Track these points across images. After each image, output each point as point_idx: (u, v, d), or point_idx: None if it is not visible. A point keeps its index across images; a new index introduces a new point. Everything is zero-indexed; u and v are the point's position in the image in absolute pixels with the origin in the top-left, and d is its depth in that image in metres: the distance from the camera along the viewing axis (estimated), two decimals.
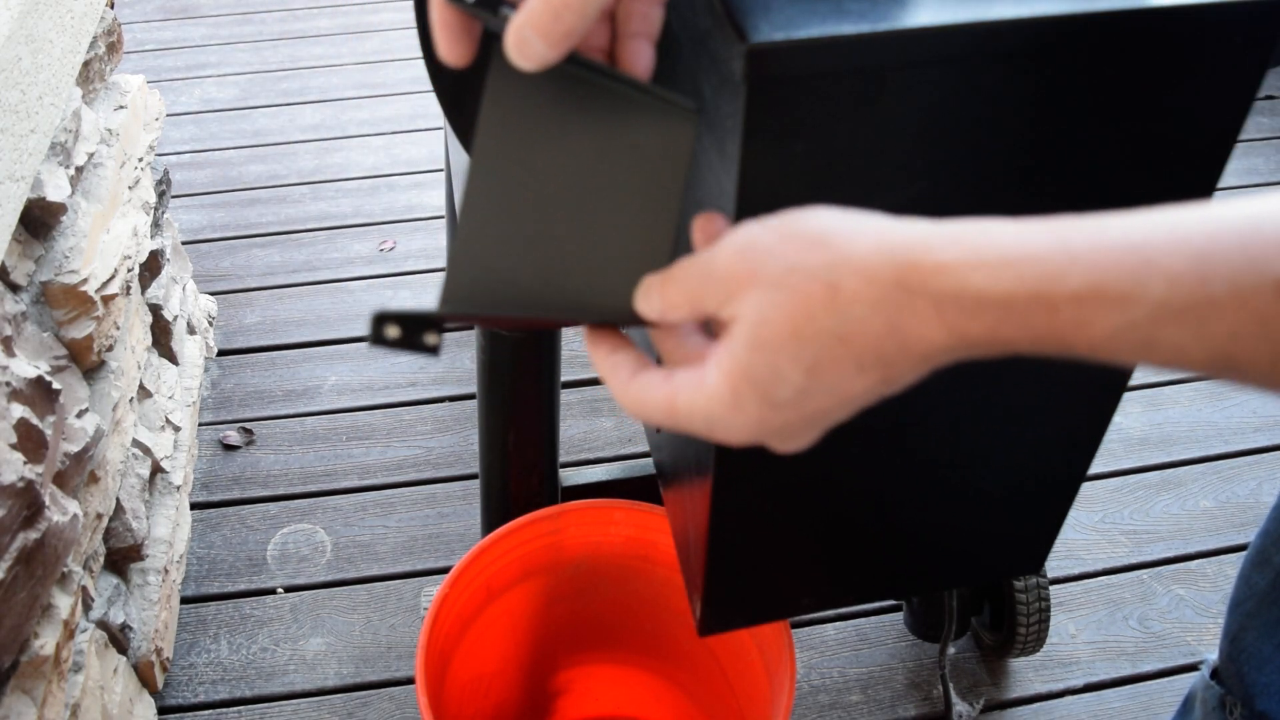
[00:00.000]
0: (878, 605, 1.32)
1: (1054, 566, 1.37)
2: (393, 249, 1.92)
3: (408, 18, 2.63)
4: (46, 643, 0.91)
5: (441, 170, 2.10)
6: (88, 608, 1.06)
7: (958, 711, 1.19)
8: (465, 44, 0.38)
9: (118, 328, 1.16)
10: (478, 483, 1.26)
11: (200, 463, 1.52)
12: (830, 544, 0.74)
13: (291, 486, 1.49)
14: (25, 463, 0.84)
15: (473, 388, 1.64)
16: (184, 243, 1.84)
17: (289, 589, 1.37)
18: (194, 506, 1.46)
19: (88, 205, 1.13)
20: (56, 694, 0.93)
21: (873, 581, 0.81)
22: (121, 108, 1.31)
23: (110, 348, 1.14)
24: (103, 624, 1.08)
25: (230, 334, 1.74)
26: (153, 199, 1.41)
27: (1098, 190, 0.54)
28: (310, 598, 1.36)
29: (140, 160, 1.36)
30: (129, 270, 1.22)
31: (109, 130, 1.25)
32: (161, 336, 1.44)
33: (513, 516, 0.97)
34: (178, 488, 1.36)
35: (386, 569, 1.39)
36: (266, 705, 1.24)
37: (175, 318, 1.48)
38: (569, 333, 1.69)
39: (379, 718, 1.23)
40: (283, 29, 2.61)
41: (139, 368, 1.29)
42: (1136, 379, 1.62)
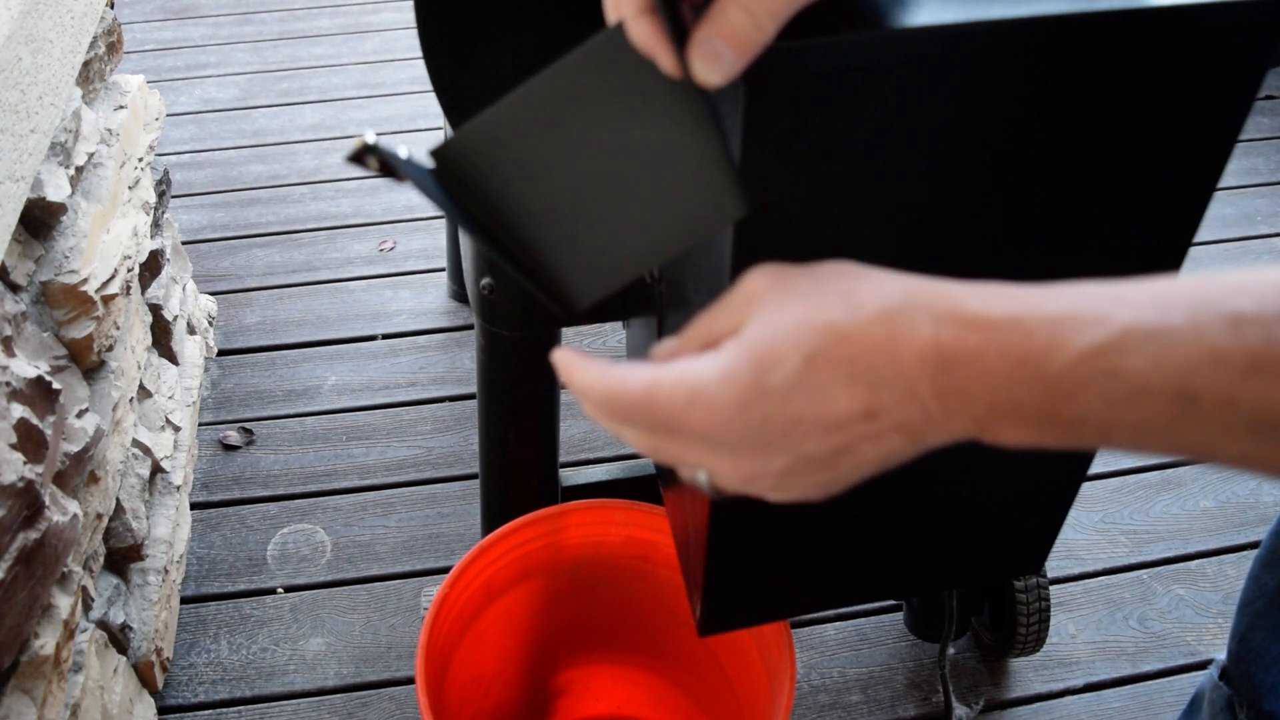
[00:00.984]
0: (878, 605, 1.32)
1: (1054, 566, 1.37)
2: (393, 249, 1.92)
3: (408, 18, 2.63)
4: (46, 643, 0.91)
5: None
6: (88, 608, 1.06)
7: (958, 715, 1.19)
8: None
9: (118, 328, 1.16)
10: (478, 483, 1.26)
11: (200, 463, 1.52)
12: (830, 544, 0.74)
13: (291, 486, 1.49)
14: (25, 463, 0.84)
15: (473, 388, 1.64)
16: (184, 243, 1.84)
17: (289, 589, 1.37)
18: (194, 506, 1.46)
19: (88, 205, 1.13)
20: (56, 694, 0.93)
21: (873, 581, 0.81)
22: (121, 108, 1.31)
23: (110, 348, 1.14)
24: (103, 624, 1.08)
25: (230, 334, 1.74)
26: (153, 199, 1.41)
27: (1098, 190, 0.54)
28: (310, 598, 1.36)
29: (140, 160, 1.36)
30: (129, 270, 1.22)
31: (109, 130, 1.25)
32: (161, 336, 1.44)
33: (513, 516, 0.97)
34: (178, 488, 1.36)
35: (386, 569, 1.39)
36: (266, 705, 1.24)
37: (175, 318, 1.48)
38: (569, 333, 1.69)
39: (379, 718, 1.23)
40: (283, 29, 2.61)
41: (139, 368, 1.29)
42: None
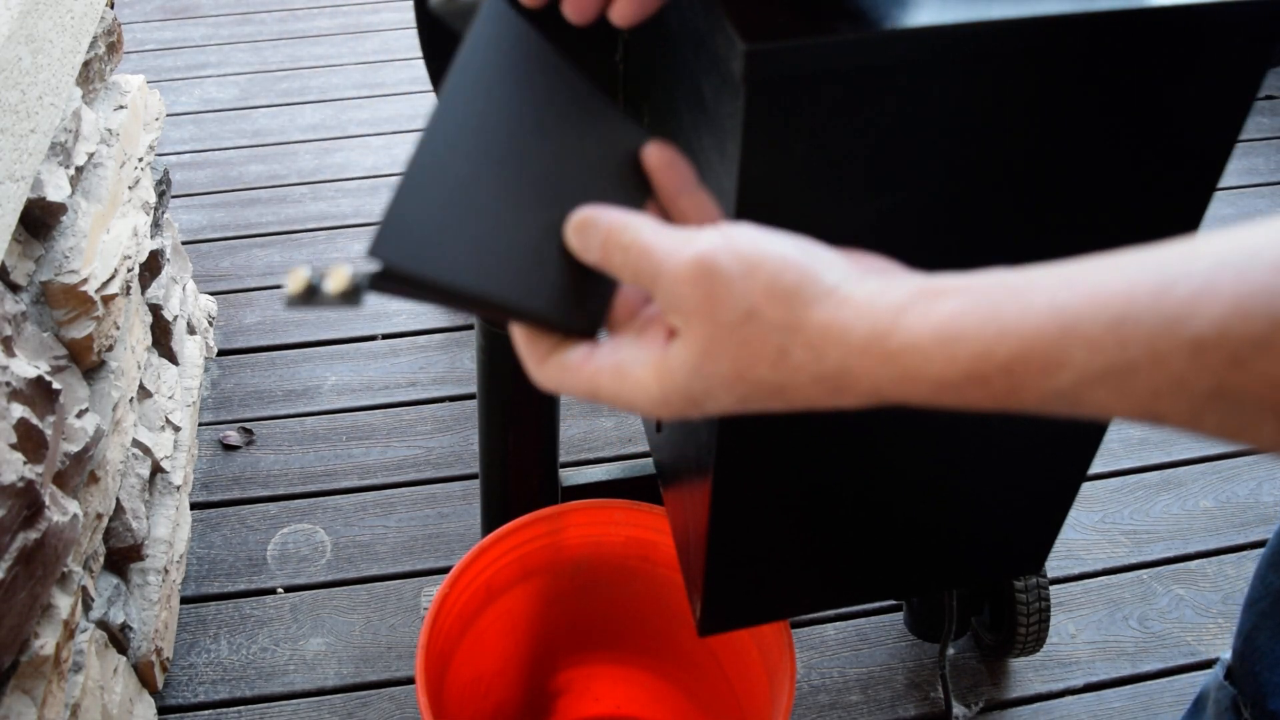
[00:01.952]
0: (878, 605, 1.32)
1: (1054, 566, 1.37)
2: None
3: (408, 18, 2.63)
4: (46, 643, 0.91)
5: None
6: (88, 608, 1.06)
7: (956, 715, 1.19)
8: None
9: (118, 328, 1.16)
10: (478, 483, 1.26)
11: (200, 463, 1.52)
12: (830, 544, 0.74)
13: (291, 486, 1.49)
14: (25, 463, 0.84)
15: (473, 388, 1.64)
16: (184, 243, 1.84)
17: (289, 589, 1.37)
18: (194, 506, 1.46)
19: (88, 205, 1.13)
20: (56, 694, 0.93)
21: (873, 581, 0.81)
22: (121, 108, 1.31)
23: (110, 348, 1.14)
24: (103, 624, 1.08)
25: (230, 334, 1.74)
26: (153, 199, 1.41)
27: (1098, 190, 0.54)
28: (310, 598, 1.36)
29: (140, 160, 1.36)
30: (129, 270, 1.22)
31: (109, 130, 1.25)
32: (161, 336, 1.44)
33: (513, 516, 0.97)
34: (178, 488, 1.36)
35: (386, 569, 1.39)
36: (266, 705, 1.24)
37: (175, 318, 1.48)
38: None
39: (379, 718, 1.23)
40: (283, 29, 2.61)
41: (139, 368, 1.29)
42: None
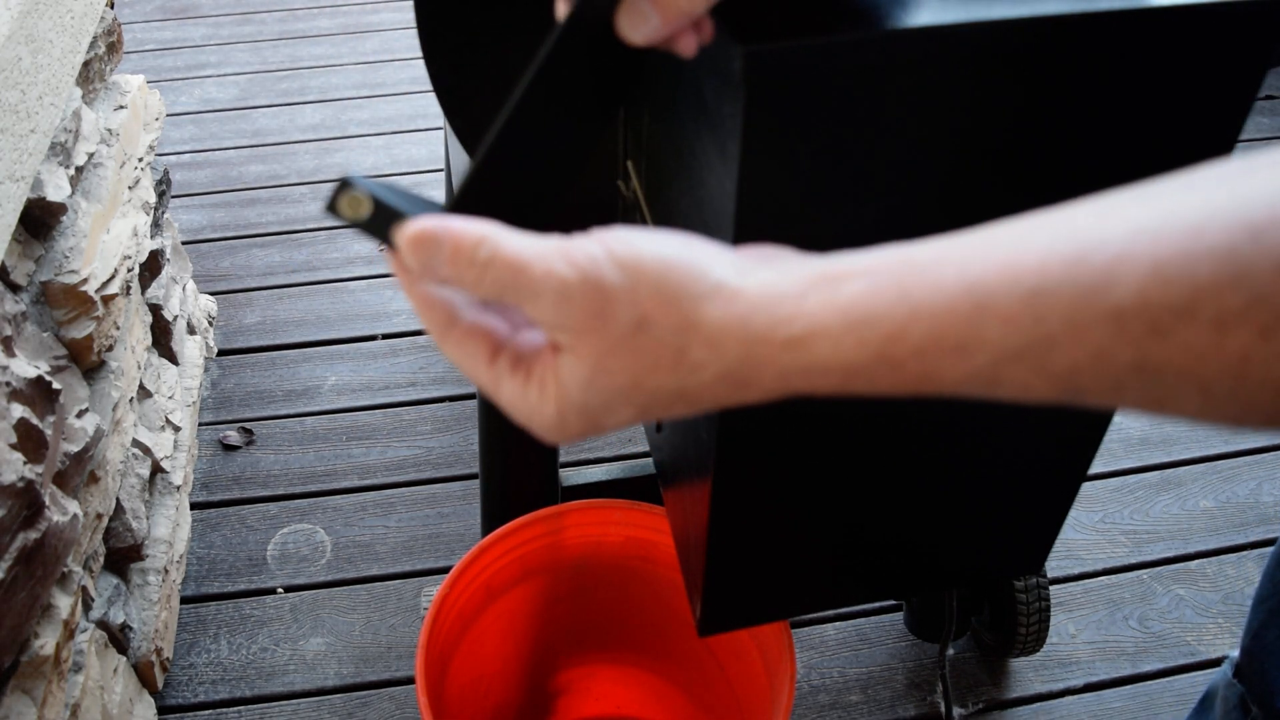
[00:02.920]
0: (878, 605, 1.32)
1: (1054, 566, 1.37)
2: None
3: (408, 18, 2.63)
4: (46, 643, 0.91)
5: (441, 170, 2.10)
6: (88, 608, 1.06)
7: (956, 716, 1.19)
8: None
9: (118, 328, 1.16)
10: (478, 483, 1.26)
11: (200, 463, 1.52)
12: (830, 544, 0.74)
13: (291, 486, 1.49)
14: (25, 463, 0.84)
15: (473, 388, 1.64)
16: (184, 243, 1.84)
17: (289, 589, 1.37)
18: (194, 506, 1.46)
19: (88, 205, 1.13)
20: (56, 694, 0.93)
21: (873, 581, 0.81)
22: (121, 108, 1.31)
23: (110, 348, 1.14)
24: (103, 624, 1.08)
25: (230, 334, 1.74)
26: (153, 199, 1.41)
27: (1098, 190, 0.54)
28: (310, 598, 1.36)
29: (140, 160, 1.36)
30: (129, 270, 1.22)
31: (109, 130, 1.25)
32: (161, 336, 1.44)
33: (513, 516, 0.97)
34: (178, 488, 1.36)
35: (386, 569, 1.39)
36: (266, 705, 1.24)
37: (175, 318, 1.48)
38: None
39: (379, 718, 1.23)
40: (283, 29, 2.62)
41: (139, 368, 1.29)
42: None
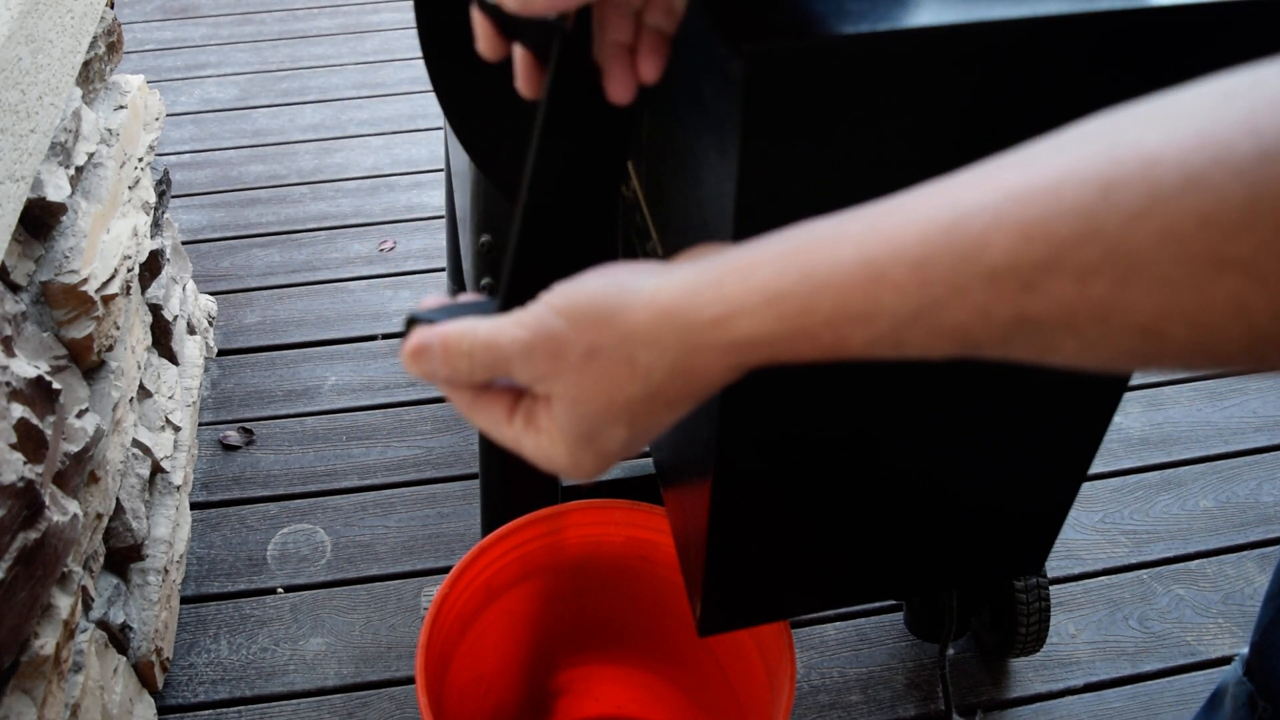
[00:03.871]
0: (878, 605, 1.32)
1: (1054, 566, 1.37)
2: (393, 249, 1.92)
3: (408, 18, 2.63)
4: (46, 643, 0.91)
5: (441, 170, 2.10)
6: (88, 608, 1.06)
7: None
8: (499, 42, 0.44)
9: (118, 328, 1.16)
10: (478, 483, 1.26)
11: (200, 463, 1.52)
12: (830, 544, 0.74)
13: (291, 486, 1.49)
14: (25, 463, 0.84)
15: None
16: (184, 243, 1.84)
17: (289, 589, 1.37)
18: (194, 506, 1.46)
19: (88, 205, 1.13)
20: (56, 694, 0.93)
21: (873, 581, 0.81)
22: (121, 108, 1.31)
23: (110, 348, 1.14)
24: (103, 624, 1.08)
25: (230, 334, 1.74)
26: (153, 199, 1.41)
27: None
28: (310, 598, 1.36)
29: (140, 160, 1.36)
30: (129, 270, 1.22)
31: (109, 130, 1.25)
32: (161, 336, 1.44)
33: (513, 516, 0.97)
34: (178, 488, 1.36)
35: (386, 569, 1.39)
36: (266, 705, 1.24)
37: (175, 318, 1.48)
38: None
39: (379, 718, 1.23)
40: (283, 29, 2.62)
41: (139, 368, 1.29)
42: (1136, 379, 1.62)
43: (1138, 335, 0.27)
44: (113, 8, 1.31)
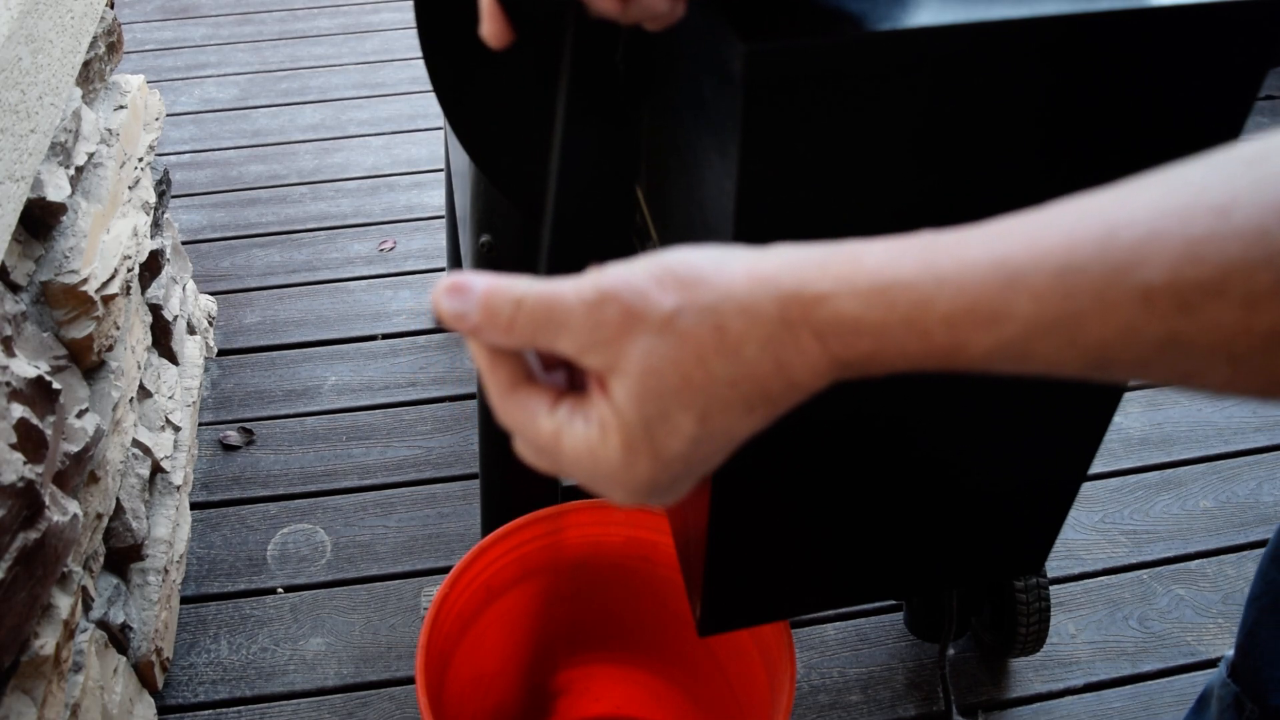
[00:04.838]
0: (878, 605, 1.32)
1: (1054, 566, 1.37)
2: (393, 249, 1.92)
3: (408, 18, 2.63)
4: (46, 643, 0.91)
5: (441, 170, 2.10)
6: (88, 608, 1.06)
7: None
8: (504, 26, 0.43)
9: (118, 328, 1.16)
10: (478, 483, 1.26)
11: (200, 463, 1.52)
12: (830, 544, 0.74)
13: (291, 486, 1.49)
14: (25, 463, 0.84)
15: (473, 388, 1.64)
16: (184, 243, 1.84)
17: (289, 589, 1.37)
18: (194, 506, 1.46)
19: (88, 205, 1.13)
20: (56, 694, 0.93)
21: (873, 581, 0.81)
22: (121, 108, 1.31)
23: (110, 348, 1.14)
24: (103, 624, 1.08)
25: (230, 334, 1.74)
26: (153, 199, 1.41)
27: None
28: (310, 598, 1.36)
29: (140, 160, 1.36)
30: (129, 270, 1.22)
31: (109, 130, 1.25)
32: (161, 336, 1.44)
33: (513, 516, 0.97)
34: (178, 488, 1.36)
35: (386, 569, 1.39)
36: (266, 705, 1.24)
37: (175, 318, 1.48)
38: None
39: (379, 718, 1.23)
40: (283, 29, 2.62)
41: (139, 368, 1.29)
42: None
43: None
44: (113, 8, 1.31)
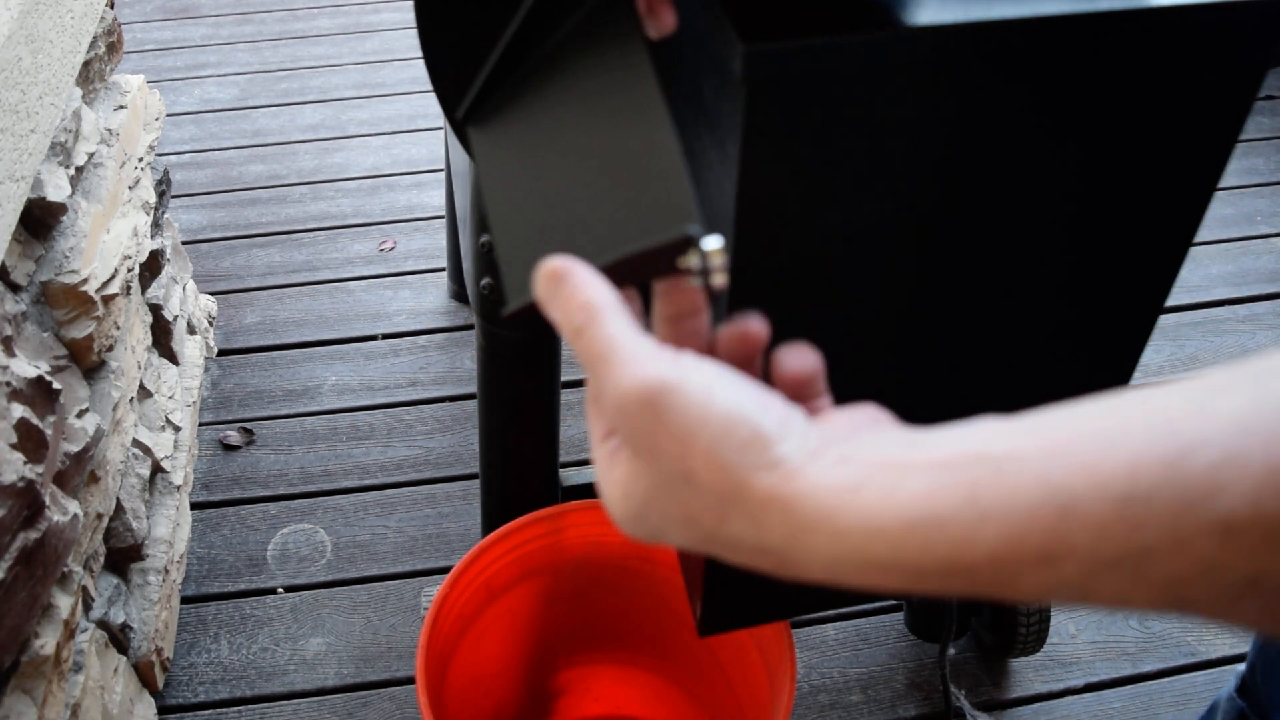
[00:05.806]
0: (878, 605, 1.32)
1: None
2: (393, 249, 1.92)
3: (408, 18, 2.63)
4: (47, 643, 0.91)
5: (441, 170, 2.10)
6: (88, 608, 1.06)
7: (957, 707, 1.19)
8: None
9: (118, 328, 1.16)
10: (478, 483, 1.26)
11: (200, 463, 1.52)
12: None
13: (291, 486, 1.49)
14: (25, 463, 0.84)
15: (473, 388, 1.64)
16: (184, 243, 1.84)
17: (289, 589, 1.37)
18: (194, 506, 1.46)
19: (88, 205, 1.13)
20: (56, 694, 0.93)
21: None
22: (121, 108, 1.31)
23: (110, 348, 1.14)
24: (103, 624, 1.08)
25: (230, 334, 1.74)
26: (153, 199, 1.41)
27: (1099, 189, 0.54)
28: (310, 598, 1.36)
29: (140, 160, 1.36)
30: (129, 270, 1.22)
31: (109, 130, 1.25)
32: (161, 336, 1.44)
33: (513, 517, 0.97)
34: (178, 488, 1.36)
35: (386, 569, 1.39)
36: (266, 705, 1.24)
37: (175, 318, 1.48)
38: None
39: (379, 718, 1.23)
40: (283, 29, 2.62)
41: (139, 368, 1.29)
42: (1136, 378, 1.61)
43: None
44: (113, 8, 1.31)
